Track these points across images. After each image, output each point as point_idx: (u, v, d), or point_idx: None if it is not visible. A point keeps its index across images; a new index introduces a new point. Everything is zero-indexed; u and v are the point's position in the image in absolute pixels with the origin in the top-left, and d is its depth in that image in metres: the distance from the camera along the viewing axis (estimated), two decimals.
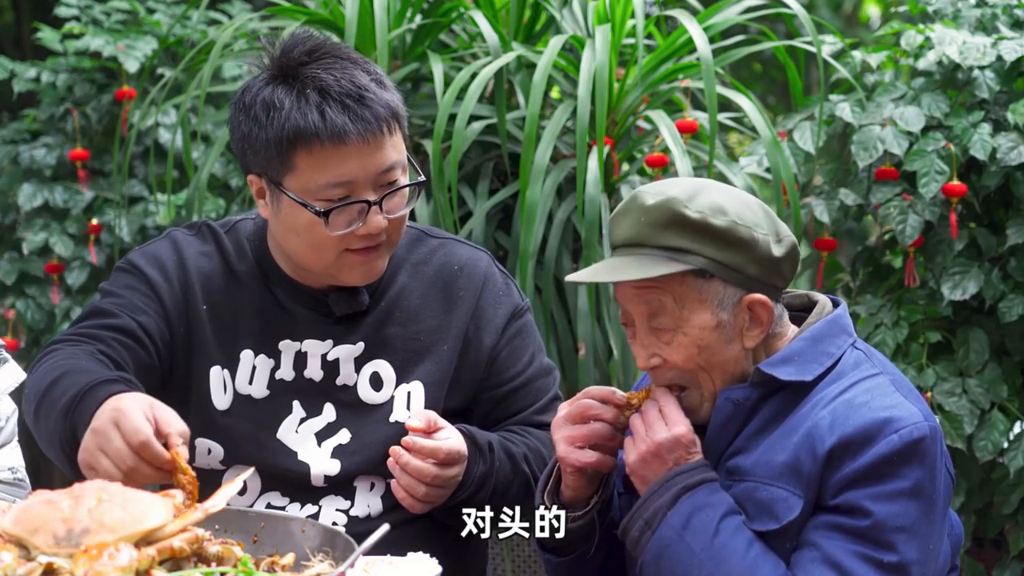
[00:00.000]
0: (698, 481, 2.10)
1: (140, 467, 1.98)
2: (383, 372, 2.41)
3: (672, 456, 2.11)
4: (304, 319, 2.40)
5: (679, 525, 2.08)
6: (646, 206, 2.11)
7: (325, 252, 2.32)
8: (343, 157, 2.26)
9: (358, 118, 2.26)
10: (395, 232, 2.36)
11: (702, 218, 2.08)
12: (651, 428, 2.12)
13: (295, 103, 2.27)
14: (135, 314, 2.35)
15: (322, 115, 2.25)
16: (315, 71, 2.29)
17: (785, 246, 2.13)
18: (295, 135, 2.26)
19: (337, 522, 2.36)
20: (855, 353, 2.16)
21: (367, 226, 2.29)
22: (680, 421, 2.12)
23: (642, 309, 2.13)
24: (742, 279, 2.10)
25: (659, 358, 2.14)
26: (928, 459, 2.05)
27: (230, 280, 2.42)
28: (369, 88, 2.29)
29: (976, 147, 3.53)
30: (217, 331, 2.39)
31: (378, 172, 2.29)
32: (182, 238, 2.45)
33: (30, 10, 5.81)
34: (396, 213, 2.32)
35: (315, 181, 2.27)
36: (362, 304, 2.41)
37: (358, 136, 2.26)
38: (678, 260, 2.09)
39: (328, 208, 2.27)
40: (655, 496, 2.11)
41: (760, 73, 8.01)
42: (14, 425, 2.57)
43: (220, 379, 2.39)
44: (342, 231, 2.29)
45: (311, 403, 2.40)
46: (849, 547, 2.02)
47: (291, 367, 2.40)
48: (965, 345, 3.59)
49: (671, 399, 2.14)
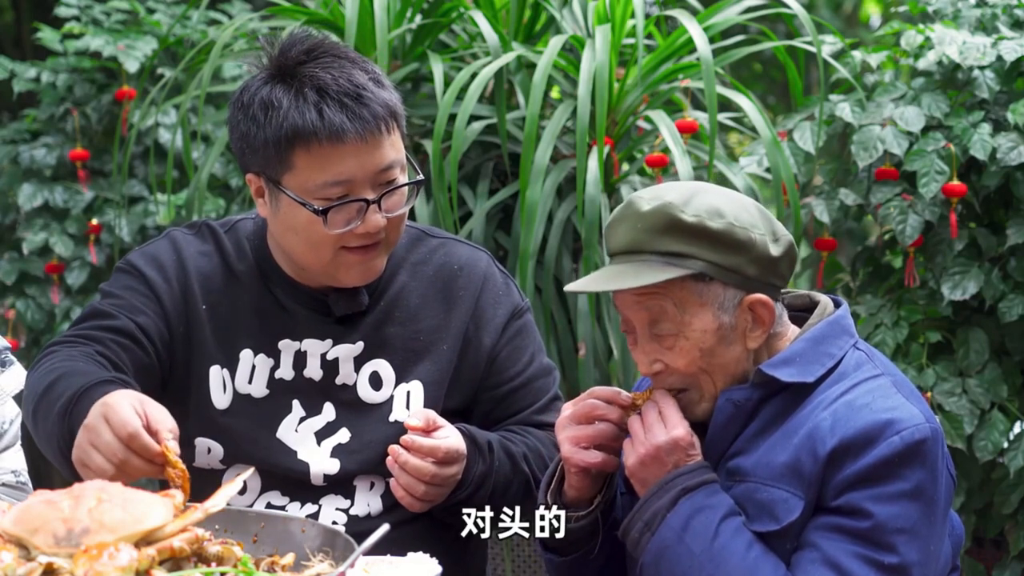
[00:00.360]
0: (698, 483, 2.09)
1: (130, 459, 1.98)
2: (382, 371, 2.41)
3: (671, 459, 2.11)
4: (304, 319, 2.40)
5: (679, 527, 2.08)
6: (642, 212, 2.10)
7: (323, 251, 2.32)
8: (341, 156, 2.26)
9: (356, 117, 2.26)
10: (394, 231, 2.36)
11: (699, 221, 2.08)
12: (650, 431, 2.12)
13: (293, 102, 2.27)
14: (133, 315, 2.36)
15: (320, 114, 2.25)
16: (313, 70, 2.29)
17: (782, 245, 2.13)
18: (293, 134, 2.26)
19: (337, 521, 2.36)
20: (856, 354, 2.16)
21: (365, 225, 2.29)
22: (679, 423, 2.12)
23: (643, 316, 2.13)
24: (741, 280, 2.10)
25: (661, 363, 2.14)
26: (929, 461, 2.05)
27: (229, 280, 2.42)
28: (367, 87, 2.29)
29: (976, 147, 3.53)
30: (216, 331, 2.39)
31: (376, 171, 2.29)
32: (181, 238, 2.46)
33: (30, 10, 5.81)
34: (395, 212, 2.32)
35: (313, 180, 2.27)
36: (361, 304, 2.41)
37: (356, 135, 2.26)
38: (677, 265, 2.08)
39: (327, 207, 2.27)
40: (655, 498, 2.11)
41: (760, 73, 8.02)
42: (17, 428, 2.57)
43: (220, 378, 2.39)
44: (341, 230, 2.29)
45: (311, 402, 2.40)
46: (850, 548, 2.02)
47: (291, 366, 2.40)
48: (965, 345, 3.59)
49: (670, 401, 2.14)
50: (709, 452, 2.15)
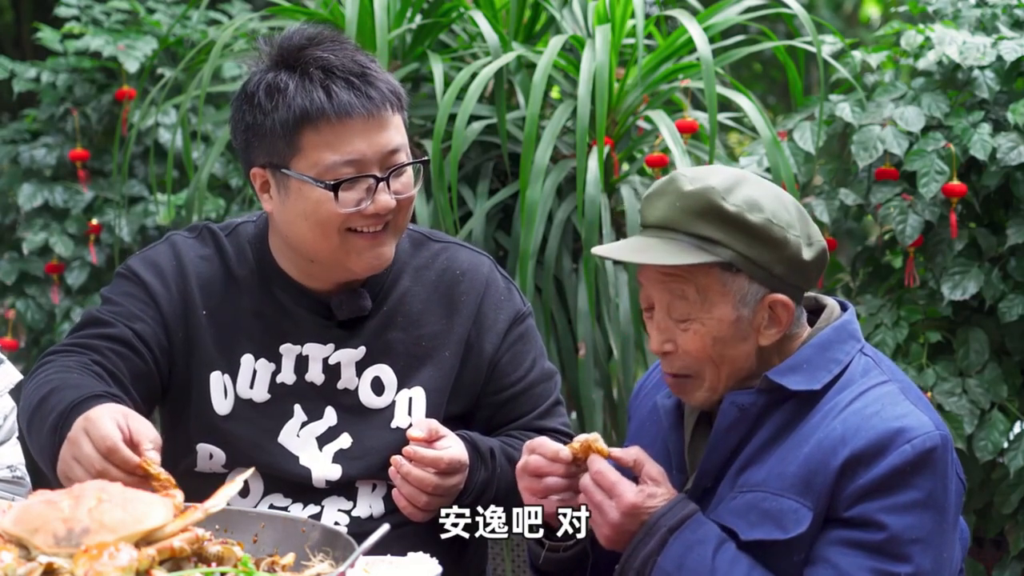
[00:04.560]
0: (680, 520, 2.08)
1: (109, 471, 1.98)
2: (384, 377, 2.41)
3: (635, 522, 2.09)
4: (306, 322, 2.40)
5: (672, 568, 2.06)
6: (683, 191, 2.09)
7: (332, 235, 2.30)
8: (350, 134, 2.26)
9: (363, 95, 2.27)
10: (401, 215, 2.35)
11: (738, 212, 2.07)
12: (602, 511, 2.10)
13: (299, 84, 2.28)
14: (131, 322, 2.35)
15: (327, 92, 2.26)
16: (317, 52, 2.31)
17: (815, 250, 2.12)
18: (301, 115, 2.26)
19: (339, 522, 2.36)
20: (863, 360, 2.15)
21: (376, 204, 2.29)
22: (623, 491, 2.09)
23: (664, 294, 2.12)
24: (767, 277, 2.09)
25: (673, 344, 2.13)
26: (940, 468, 2.04)
27: (230, 284, 2.41)
28: (370, 67, 2.30)
29: (976, 147, 3.53)
30: (217, 336, 2.39)
31: (384, 151, 2.29)
32: (181, 242, 2.45)
33: (30, 10, 5.81)
34: (404, 194, 2.32)
35: (323, 161, 2.27)
36: (365, 308, 2.40)
37: (364, 112, 2.26)
38: (708, 250, 2.07)
39: (337, 181, 2.27)
40: (642, 544, 2.09)
41: (760, 73, 8.01)
42: (13, 422, 2.57)
43: (220, 384, 2.38)
44: (351, 209, 2.28)
45: (312, 407, 2.40)
46: (866, 563, 2.01)
47: (292, 371, 2.39)
48: (965, 345, 3.59)
49: (602, 467, 2.11)
50: (712, 455, 2.14)
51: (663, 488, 2.11)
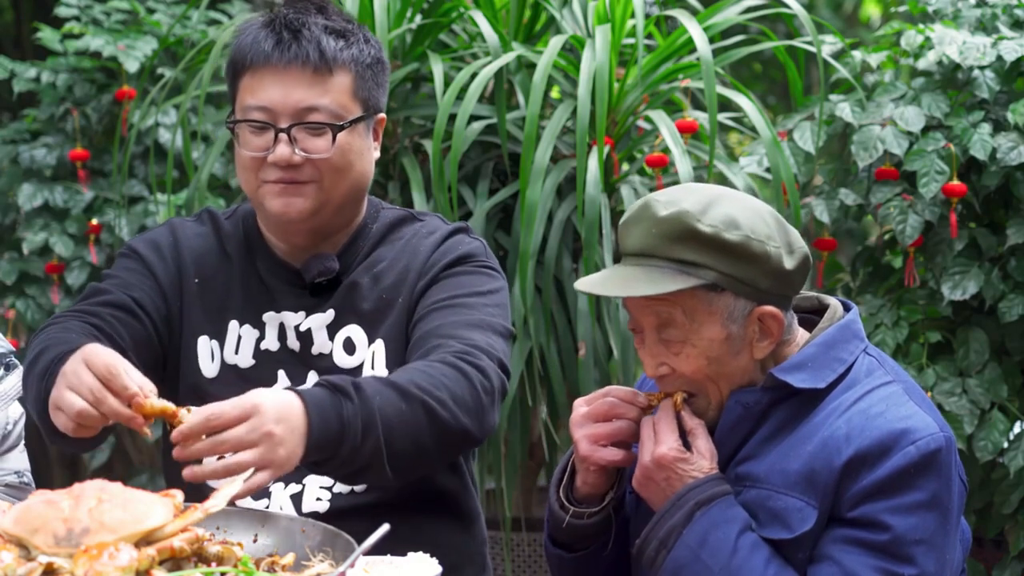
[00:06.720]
0: (710, 496, 2.07)
1: (103, 403, 1.98)
2: (355, 336, 2.42)
3: (661, 475, 2.10)
4: (282, 291, 2.45)
5: (695, 544, 2.06)
6: (658, 217, 2.08)
7: (251, 176, 2.38)
8: (265, 82, 2.34)
9: (285, 48, 2.34)
10: (321, 174, 2.36)
11: (715, 232, 2.05)
12: (643, 449, 2.12)
13: (251, 34, 2.37)
14: (129, 290, 2.41)
15: (255, 39, 2.35)
16: (285, 9, 2.39)
17: (797, 258, 2.11)
18: (233, 62, 2.38)
19: (321, 498, 2.36)
20: (867, 359, 2.15)
21: (275, 155, 2.34)
22: (665, 440, 2.10)
23: (651, 319, 2.11)
24: (753, 292, 2.08)
25: (667, 367, 2.13)
26: (944, 470, 2.04)
27: (222, 258, 2.48)
28: (312, 28, 2.35)
29: (976, 147, 3.53)
30: (206, 303, 2.45)
31: (298, 108, 2.34)
32: (179, 223, 2.54)
33: (30, 10, 5.80)
34: (314, 154, 2.35)
35: (243, 104, 2.37)
36: (331, 269, 2.42)
37: (279, 62, 2.33)
38: (689, 274, 2.06)
39: (237, 121, 2.36)
40: (668, 515, 2.09)
41: (760, 73, 8.01)
42: (21, 429, 2.59)
43: (208, 348, 2.44)
44: (252, 152, 2.35)
45: (295, 372, 2.42)
46: (869, 562, 2.01)
47: (275, 338, 2.44)
48: (965, 345, 3.59)
49: (665, 415, 2.12)
50: (717, 452, 2.14)
51: (703, 461, 2.10)
